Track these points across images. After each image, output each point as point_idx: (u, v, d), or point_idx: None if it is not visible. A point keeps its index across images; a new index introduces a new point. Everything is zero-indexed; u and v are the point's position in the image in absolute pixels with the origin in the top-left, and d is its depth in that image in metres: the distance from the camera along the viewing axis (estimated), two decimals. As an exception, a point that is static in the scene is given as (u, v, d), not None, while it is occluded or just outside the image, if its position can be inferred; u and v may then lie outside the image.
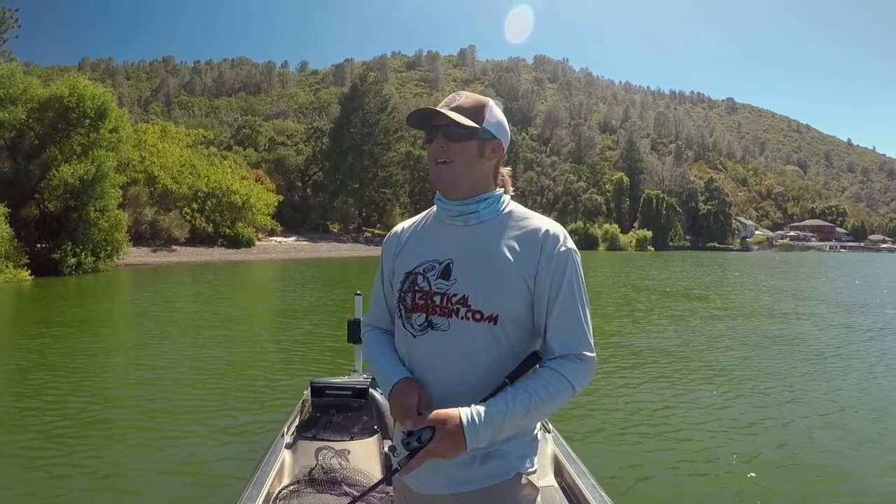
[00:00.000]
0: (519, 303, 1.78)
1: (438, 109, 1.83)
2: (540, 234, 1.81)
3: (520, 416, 1.70)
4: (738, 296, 24.65)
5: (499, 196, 1.90)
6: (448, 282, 1.81)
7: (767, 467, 5.96)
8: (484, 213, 1.87)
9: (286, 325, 15.37)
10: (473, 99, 1.86)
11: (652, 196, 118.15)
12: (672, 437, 6.87)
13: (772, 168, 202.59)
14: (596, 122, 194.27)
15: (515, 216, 1.88)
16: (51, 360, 10.61)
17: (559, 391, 1.74)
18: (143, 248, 43.14)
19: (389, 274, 2.02)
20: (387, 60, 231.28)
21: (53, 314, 16.70)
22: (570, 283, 1.80)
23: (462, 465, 1.78)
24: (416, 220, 2.08)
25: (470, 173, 1.86)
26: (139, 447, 6.32)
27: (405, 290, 1.89)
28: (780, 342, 13.32)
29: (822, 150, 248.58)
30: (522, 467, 1.83)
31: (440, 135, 1.84)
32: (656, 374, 9.95)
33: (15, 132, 30.85)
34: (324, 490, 3.32)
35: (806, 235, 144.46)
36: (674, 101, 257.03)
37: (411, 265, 1.90)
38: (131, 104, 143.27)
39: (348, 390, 4.04)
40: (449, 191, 1.89)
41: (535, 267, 1.78)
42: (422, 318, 1.84)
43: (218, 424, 7.11)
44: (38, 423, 7.14)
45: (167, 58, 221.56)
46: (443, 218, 1.94)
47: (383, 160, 79.51)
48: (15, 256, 26.55)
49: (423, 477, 1.83)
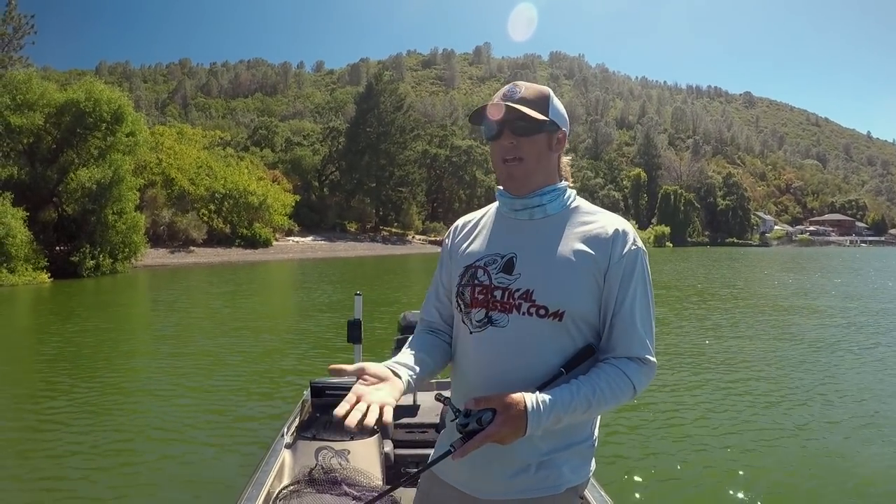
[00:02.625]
0: (587, 300, 1.72)
1: (508, 104, 1.73)
2: (611, 232, 1.74)
3: (581, 409, 1.64)
4: (763, 289, 24.45)
5: (564, 189, 1.84)
6: (511, 276, 1.75)
7: (769, 468, 5.94)
8: (550, 207, 1.81)
9: (291, 325, 15.48)
10: (535, 89, 1.79)
11: (670, 192, 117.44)
12: (673, 437, 6.87)
13: (791, 162, 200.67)
14: (613, 118, 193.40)
15: (583, 211, 1.83)
16: (59, 361, 10.78)
17: (622, 390, 1.69)
18: (161, 249, 43.37)
19: (448, 269, 1.96)
20: (402, 59, 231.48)
21: (68, 317, 16.88)
22: (639, 283, 1.75)
23: (515, 472, 1.74)
24: (478, 214, 1.99)
25: (541, 168, 1.80)
26: (139, 447, 6.37)
27: (464, 284, 1.82)
28: (796, 340, 13.22)
29: (841, 144, 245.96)
30: (575, 480, 1.79)
31: (507, 130, 1.76)
32: (658, 377, 9.91)
33: (33, 137, 31.19)
34: (324, 490, 3.30)
35: (826, 230, 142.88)
36: (691, 96, 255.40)
37: (471, 259, 1.84)
38: (148, 107, 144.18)
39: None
40: (521, 189, 1.81)
41: (606, 264, 1.72)
42: (482, 313, 1.77)
43: (218, 425, 7.15)
44: (39, 422, 7.24)
45: (184, 60, 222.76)
46: (506, 212, 1.87)
47: (399, 159, 79.48)
48: (34, 259, 26.87)
49: (473, 477, 1.80)
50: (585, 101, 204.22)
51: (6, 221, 25.46)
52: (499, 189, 1.88)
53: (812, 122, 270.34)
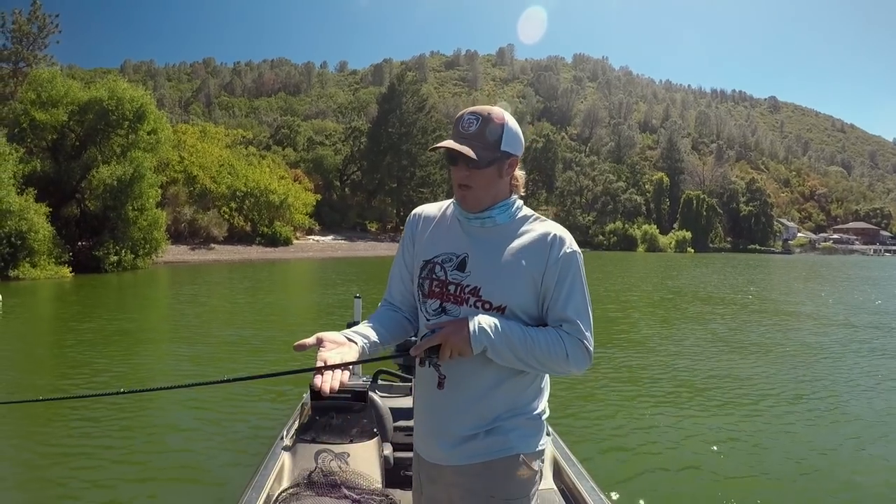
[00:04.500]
0: (526, 296, 1.99)
1: (457, 147, 1.93)
2: (548, 238, 2.00)
3: (517, 337, 1.91)
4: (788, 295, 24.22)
5: (512, 202, 2.07)
6: (463, 273, 2.02)
7: (770, 471, 5.91)
8: (499, 219, 2.04)
9: (296, 325, 15.52)
10: (490, 120, 1.97)
11: (692, 197, 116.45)
12: (672, 440, 6.85)
13: (815, 169, 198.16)
14: (636, 122, 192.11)
15: (526, 220, 2.07)
16: (63, 358, 10.93)
17: (554, 346, 1.94)
18: (183, 246, 43.80)
19: (410, 253, 2.21)
20: (425, 60, 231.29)
21: (82, 311, 17.07)
22: (575, 280, 2.00)
23: (464, 439, 2.01)
24: (437, 208, 2.22)
25: (490, 193, 2.02)
26: (138, 450, 6.36)
27: (423, 276, 2.09)
28: (787, 348, 13.08)
29: (866, 151, 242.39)
30: (523, 447, 2.02)
31: (461, 162, 1.97)
32: (658, 377, 9.89)
33: (56, 134, 31.63)
34: (323, 493, 3.28)
35: (849, 238, 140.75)
36: (715, 100, 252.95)
37: (430, 254, 2.10)
38: (172, 105, 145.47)
39: (347, 393, 4.01)
40: (471, 209, 2.04)
41: (544, 266, 1.97)
42: (436, 303, 2.05)
43: (217, 428, 7.14)
44: (36, 422, 7.30)
45: (208, 59, 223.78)
46: (460, 218, 2.09)
47: (421, 160, 79.77)
48: (56, 254, 27.21)
49: (431, 447, 2.10)
50: (609, 104, 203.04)
51: (29, 217, 25.81)
52: (455, 200, 2.10)
53: (837, 128, 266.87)
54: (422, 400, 2.16)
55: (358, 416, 3.95)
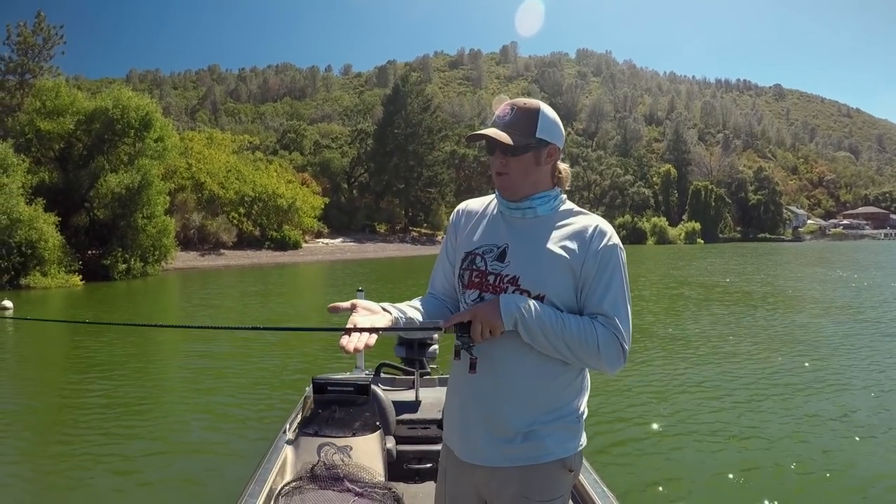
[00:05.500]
0: (564, 286, 1.98)
1: (489, 135, 1.97)
2: (590, 230, 2.01)
3: (549, 317, 1.90)
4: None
5: (555, 195, 2.10)
6: (502, 263, 2.02)
7: (775, 469, 5.88)
8: (540, 210, 2.06)
9: (301, 324, 15.47)
10: (525, 109, 2.01)
11: (700, 187, 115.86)
12: (678, 436, 6.83)
13: (823, 155, 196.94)
14: (641, 114, 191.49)
15: (569, 213, 2.09)
16: (73, 359, 10.98)
17: (587, 334, 1.91)
18: (192, 252, 43.85)
19: (453, 245, 2.23)
20: (429, 60, 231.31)
21: (93, 317, 17.20)
22: (614, 274, 1.98)
23: (501, 440, 2.00)
24: (481, 202, 2.25)
25: (527, 179, 2.04)
26: (143, 443, 6.42)
27: (463, 268, 2.11)
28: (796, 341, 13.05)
29: (873, 135, 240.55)
30: (561, 452, 2.02)
31: (497, 150, 2.01)
32: (665, 372, 9.86)
33: (63, 143, 31.76)
34: (326, 486, 3.31)
35: (860, 223, 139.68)
36: (720, 90, 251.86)
37: (472, 246, 2.12)
38: (179, 113, 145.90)
39: (350, 386, 4.05)
40: (510, 197, 2.07)
41: (583, 257, 1.97)
42: (475, 294, 2.06)
43: (220, 421, 7.20)
44: (40, 420, 7.35)
45: (213, 66, 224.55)
46: (503, 210, 2.12)
47: (428, 160, 79.70)
48: (66, 262, 27.32)
49: (464, 443, 2.08)
50: (613, 98, 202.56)
51: (38, 226, 25.94)
52: (495, 190, 2.14)
53: (844, 114, 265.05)
54: (455, 392, 2.16)
55: (360, 410, 3.97)
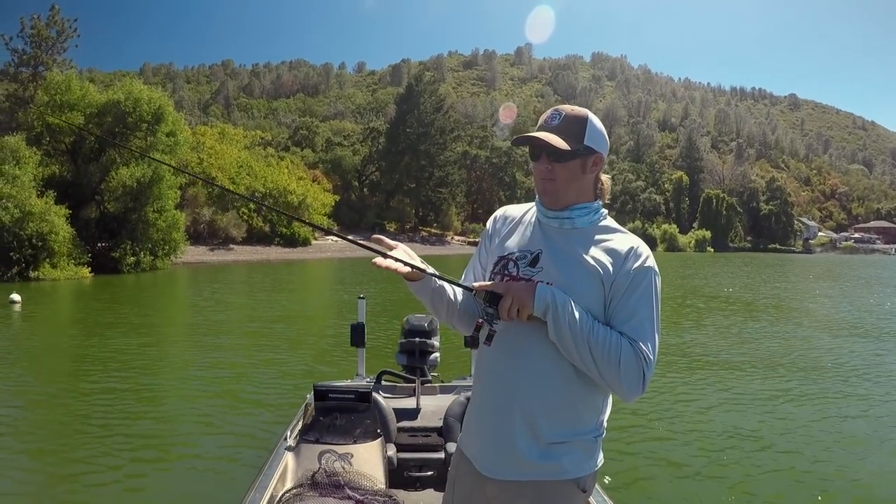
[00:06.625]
0: (593, 299, 1.92)
1: (540, 136, 1.93)
2: (626, 249, 1.95)
3: (581, 316, 1.85)
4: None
5: (596, 208, 2.05)
6: (534, 269, 1.98)
7: (771, 471, 5.88)
8: (578, 221, 2.01)
9: (302, 327, 15.59)
10: (574, 115, 1.98)
11: (712, 196, 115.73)
12: (674, 438, 6.85)
13: (836, 167, 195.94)
14: (655, 120, 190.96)
15: (608, 229, 2.03)
16: (72, 357, 11.10)
17: (612, 345, 1.84)
18: (202, 247, 44.10)
19: (487, 249, 2.21)
20: (443, 60, 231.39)
21: (104, 308, 17.21)
22: (644, 296, 1.91)
23: (522, 454, 1.95)
24: (520, 209, 2.22)
25: (572, 188, 2.00)
26: (143, 450, 6.38)
27: (495, 272, 2.06)
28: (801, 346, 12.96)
29: (887, 149, 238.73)
30: (577, 472, 1.97)
31: (544, 154, 1.98)
32: (663, 376, 9.83)
33: (74, 136, 31.90)
34: (327, 494, 3.28)
35: (871, 237, 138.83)
36: (735, 98, 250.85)
37: (505, 251, 2.08)
38: (191, 107, 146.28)
39: (351, 393, 4.03)
40: (553, 204, 2.03)
41: (615, 274, 1.91)
42: None
43: (221, 428, 7.17)
44: (46, 424, 7.33)
45: (226, 61, 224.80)
46: (541, 217, 2.08)
47: (439, 160, 79.90)
48: (76, 255, 27.48)
49: (484, 457, 2.03)
50: (627, 103, 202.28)
51: (49, 219, 26.11)
52: (538, 198, 2.10)
53: (858, 126, 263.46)
54: (480, 401, 2.10)
55: (361, 417, 3.97)
